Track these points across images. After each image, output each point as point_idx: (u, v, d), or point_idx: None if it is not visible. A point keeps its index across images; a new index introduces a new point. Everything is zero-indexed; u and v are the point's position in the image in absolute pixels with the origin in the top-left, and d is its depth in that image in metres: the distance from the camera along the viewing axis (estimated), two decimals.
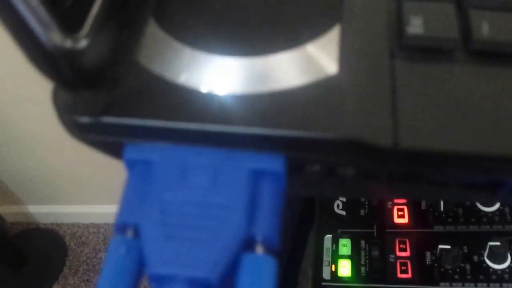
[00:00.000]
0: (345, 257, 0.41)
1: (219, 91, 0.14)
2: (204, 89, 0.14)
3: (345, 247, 0.41)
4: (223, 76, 0.14)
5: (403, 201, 0.43)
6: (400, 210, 0.43)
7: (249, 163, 0.14)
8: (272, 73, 0.14)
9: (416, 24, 0.14)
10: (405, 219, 0.42)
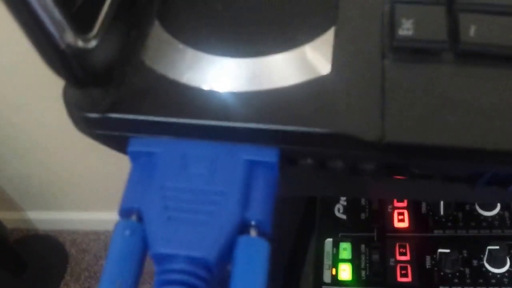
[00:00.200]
0: (345, 260, 0.41)
1: (219, 89, 0.15)
2: (205, 87, 0.15)
3: (345, 251, 0.42)
4: (223, 76, 0.15)
5: (403, 205, 0.44)
6: (400, 214, 0.43)
7: (245, 154, 0.15)
8: (268, 73, 0.15)
9: (407, 26, 0.15)
10: (405, 223, 0.43)
